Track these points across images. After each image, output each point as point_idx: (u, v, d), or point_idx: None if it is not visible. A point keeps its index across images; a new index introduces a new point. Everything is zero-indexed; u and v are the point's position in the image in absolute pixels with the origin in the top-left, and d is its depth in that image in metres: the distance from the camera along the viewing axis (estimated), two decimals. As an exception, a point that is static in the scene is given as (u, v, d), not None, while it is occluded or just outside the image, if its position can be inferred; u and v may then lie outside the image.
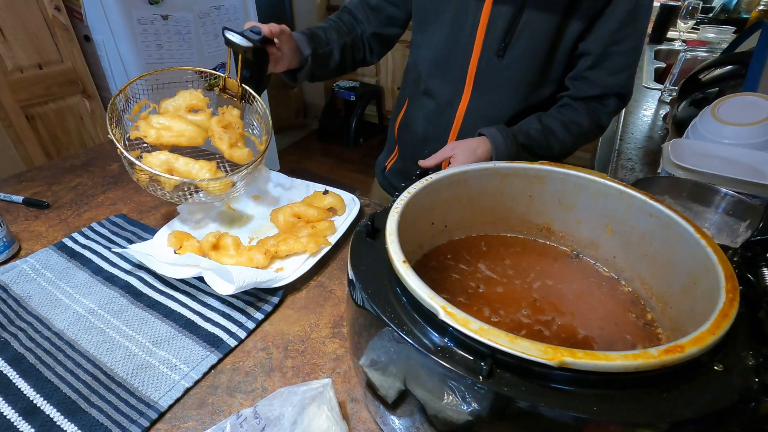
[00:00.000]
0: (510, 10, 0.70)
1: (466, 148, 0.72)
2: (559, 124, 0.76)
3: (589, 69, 0.73)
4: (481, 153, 0.72)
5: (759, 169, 0.71)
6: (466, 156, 0.71)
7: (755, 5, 1.95)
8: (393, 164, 1.02)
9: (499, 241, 0.52)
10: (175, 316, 0.56)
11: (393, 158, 1.03)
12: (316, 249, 0.64)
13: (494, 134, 0.73)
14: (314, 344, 0.53)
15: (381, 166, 1.08)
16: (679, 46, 1.88)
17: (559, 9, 0.69)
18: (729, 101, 0.80)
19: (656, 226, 0.41)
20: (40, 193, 0.83)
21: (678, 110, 0.99)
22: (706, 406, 0.25)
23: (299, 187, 0.82)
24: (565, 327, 0.41)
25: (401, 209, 0.39)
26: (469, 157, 0.71)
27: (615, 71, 0.73)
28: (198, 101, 0.69)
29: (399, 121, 0.97)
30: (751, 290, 0.32)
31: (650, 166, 0.92)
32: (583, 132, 0.77)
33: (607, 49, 0.71)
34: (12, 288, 0.59)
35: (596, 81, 0.74)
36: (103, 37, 1.62)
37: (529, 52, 0.73)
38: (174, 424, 0.44)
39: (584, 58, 0.73)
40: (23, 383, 0.47)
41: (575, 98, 0.77)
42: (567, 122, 0.76)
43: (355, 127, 2.98)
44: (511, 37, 0.72)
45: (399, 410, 0.35)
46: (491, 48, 0.74)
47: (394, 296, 0.33)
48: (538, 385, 0.26)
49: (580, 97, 0.76)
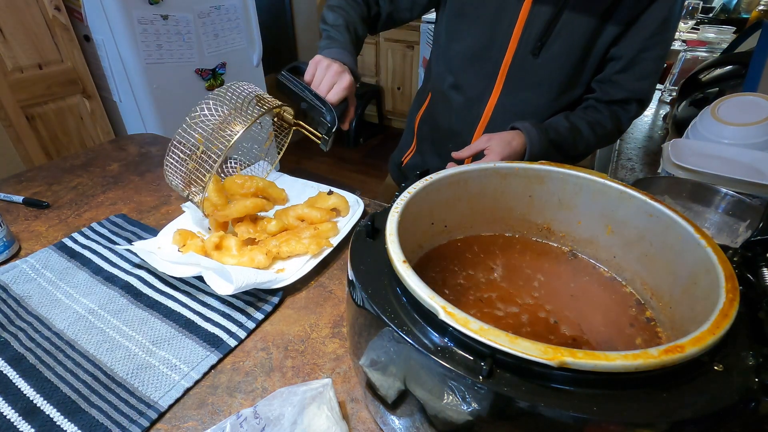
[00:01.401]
0: (549, 10, 0.71)
1: (502, 141, 0.71)
2: (586, 123, 0.77)
3: (617, 73, 0.74)
4: (516, 145, 0.72)
5: (759, 169, 0.71)
6: (501, 148, 0.70)
7: (755, 5, 1.95)
8: (410, 159, 1.01)
9: (499, 241, 0.52)
10: (175, 316, 0.55)
11: (410, 153, 1.01)
12: (317, 250, 0.64)
13: (528, 128, 0.73)
14: (314, 344, 0.53)
15: (396, 161, 1.06)
16: (679, 46, 1.88)
17: (597, 13, 0.69)
18: (729, 101, 0.80)
19: (656, 226, 0.41)
20: (40, 193, 0.83)
21: (678, 110, 0.99)
22: (706, 406, 0.25)
23: (303, 187, 0.82)
24: (565, 327, 0.41)
25: (401, 209, 0.39)
26: (504, 149, 0.70)
27: (642, 77, 0.74)
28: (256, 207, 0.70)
29: (420, 115, 0.95)
30: (751, 290, 0.32)
31: (650, 166, 0.92)
32: (606, 133, 0.78)
33: (637, 55, 0.71)
34: (12, 288, 0.59)
35: (623, 85, 0.75)
36: (103, 37, 1.62)
37: (564, 52, 0.73)
38: (174, 424, 0.44)
39: (614, 62, 0.74)
40: (23, 383, 0.47)
41: (600, 101, 0.78)
42: (593, 123, 0.77)
43: (355, 127, 2.98)
44: (548, 36, 0.72)
45: (399, 410, 0.35)
46: (527, 46, 0.74)
47: (394, 296, 0.33)
48: (538, 385, 0.26)
49: (605, 100, 0.77)
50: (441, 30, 0.85)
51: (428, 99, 0.93)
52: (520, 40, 0.74)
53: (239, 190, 0.70)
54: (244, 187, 0.71)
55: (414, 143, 1.00)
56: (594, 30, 0.71)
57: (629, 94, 0.75)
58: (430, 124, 0.94)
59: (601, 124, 0.77)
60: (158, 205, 0.80)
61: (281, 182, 0.84)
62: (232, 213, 0.66)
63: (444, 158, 0.92)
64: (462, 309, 0.28)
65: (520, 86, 0.78)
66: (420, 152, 0.98)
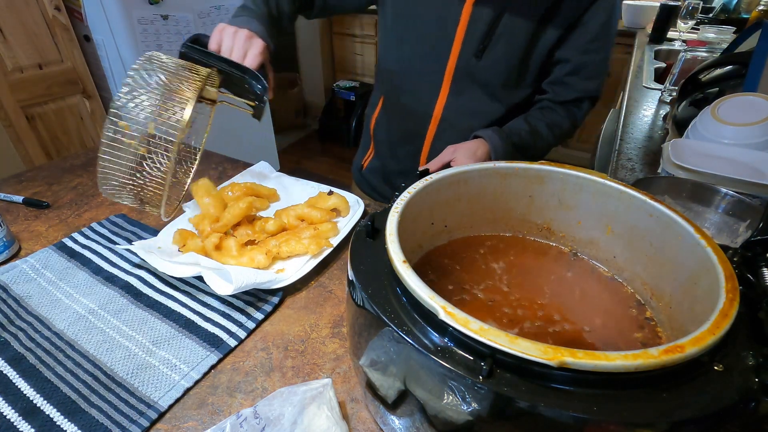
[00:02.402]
0: (490, 13, 0.73)
1: (467, 151, 0.73)
2: (545, 125, 0.80)
3: (567, 75, 0.78)
4: (481, 154, 0.74)
5: (759, 169, 0.71)
6: (467, 158, 0.72)
7: (755, 5, 1.95)
8: (370, 162, 1.02)
9: (498, 241, 0.52)
10: (175, 316, 0.56)
11: (369, 156, 1.02)
12: (317, 251, 0.64)
13: (491, 136, 0.75)
14: (314, 344, 0.53)
15: (357, 164, 1.07)
16: (679, 46, 1.88)
17: (536, 16, 0.72)
18: (729, 101, 0.80)
19: (656, 226, 0.41)
20: (40, 193, 0.83)
21: (678, 110, 0.99)
22: (706, 406, 0.25)
23: (303, 187, 0.82)
24: (565, 327, 0.41)
25: (401, 209, 0.39)
26: (470, 159, 0.72)
27: (590, 77, 0.78)
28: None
29: (375, 118, 0.96)
30: (751, 290, 0.32)
31: (650, 166, 0.92)
32: (563, 132, 0.83)
33: (583, 57, 0.75)
34: (12, 288, 0.59)
35: (574, 86, 0.78)
36: (103, 37, 1.62)
37: (506, 54, 0.75)
38: (174, 424, 0.44)
39: (562, 65, 0.77)
40: (23, 383, 0.47)
41: (554, 101, 0.81)
42: (551, 124, 0.80)
43: (354, 127, 2.98)
44: (490, 39, 0.74)
45: (399, 410, 0.35)
46: (470, 49, 0.76)
47: (394, 296, 0.33)
48: (538, 385, 0.26)
49: (559, 101, 0.81)
50: (386, 32, 0.85)
51: (381, 102, 0.94)
52: (464, 43, 0.76)
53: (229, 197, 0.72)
54: (233, 190, 0.72)
55: (372, 147, 1.01)
56: (534, 33, 0.73)
57: (581, 93, 0.79)
58: (384, 128, 0.95)
59: (558, 124, 0.81)
60: (158, 205, 0.80)
61: (281, 182, 0.84)
62: (229, 221, 0.66)
63: (401, 161, 0.94)
64: (462, 309, 0.28)
65: (467, 88, 0.80)
66: (378, 155, 0.99)
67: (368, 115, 1.00)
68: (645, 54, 1.79)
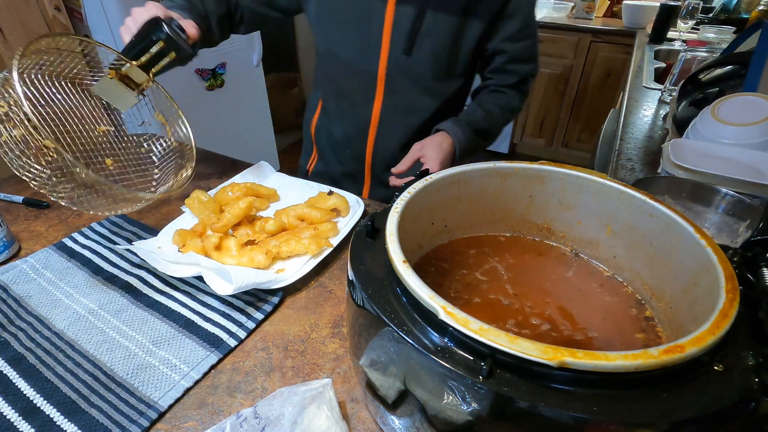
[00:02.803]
0: (413, 11, 0.75)
1: (434, 145, 0.77)
2: (497, 107, 0.86)
3: (507, 63, 0.83)
4: (447, 146, 0.78)
5: (759, 169, 0.71)
6: (435, 153, 0.76)
7: (755, 5, 1.95)
8: (315, 167, 1.02)
9: (499, 241, 0.52)
10: (175, 316, 0.56)
11: (313, 161, 1.02)
12: (317, 251, 0.64)
13: (451, 127, 0.79)
14: (314, 344, 0.53)
15: (303, 169, 1.06)
16: (679, 46, 1.88)
17: (458, 11, 0.74)
18: (729, 101, 0.80)
19: (656, 226, 0.41)
20: (40, 193, 0.83)
21: (678, 110, 0.99)
22: (706, 406, 0.25)
23: (303, 187, 0.82)
24: (565, 326, 0.41)
25: (401, 209, 0.39)
26: (438, 153, 0.76)
27: (527, 61, 0.85)
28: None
29: (315, 122, 0.96)
30: (751, 290, 0.32)
31: (650, 166, 0.92)
32: (514, 110, 0.89)
33: (518, 45, 0.81)
34: (12, 288, 0.59)
35: (516, 71, 0.85)
36: (103, 37, 1.62)
37: (435, 48, 0.78)
38: (174, 424, 0.44)
39: (500, 56, 0.83)
40: (23, 383, 0.47)
41: (501, 85, 0.87)
42: (502, 105, 0.86)
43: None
44: (416, 36, 0.76)
45: (399, 410, 0.35)
46: (399, 46, 0.78)
47: (394, 296, 0.33)
48: (538, 385, 0.26)
49: (506, 85, 0.87)
50: (317, 36, 0.86)
51: (319, 106, 0.94)
52: (392, 42, 0.77)
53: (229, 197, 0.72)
54: (233, 190, 0.73)
55: (314, 151, 1.01)
56: (459, 26, 0.76)
57: (523, 75, 0.86)
58: (325, 131, 0.95)
59: (509, 105, 0.87)
60: (158, 205, 0.80)
61: (281, 182, 0.84)
62: (229, 221, 0.67)
63: (346, 163, 0.95)
64: (462, 309, 0.28)
65: (401, 85, 0.82)
66: (322, 159, 0.99)
67: (307, 119, 1.00)
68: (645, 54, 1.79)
